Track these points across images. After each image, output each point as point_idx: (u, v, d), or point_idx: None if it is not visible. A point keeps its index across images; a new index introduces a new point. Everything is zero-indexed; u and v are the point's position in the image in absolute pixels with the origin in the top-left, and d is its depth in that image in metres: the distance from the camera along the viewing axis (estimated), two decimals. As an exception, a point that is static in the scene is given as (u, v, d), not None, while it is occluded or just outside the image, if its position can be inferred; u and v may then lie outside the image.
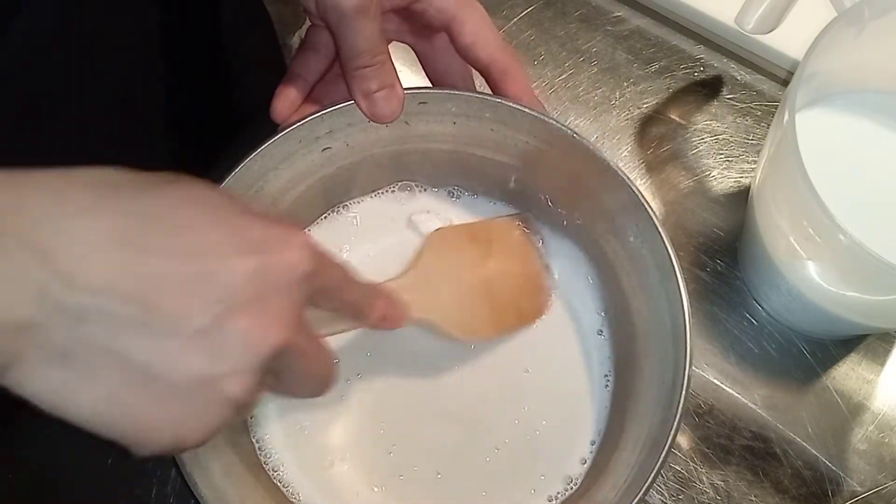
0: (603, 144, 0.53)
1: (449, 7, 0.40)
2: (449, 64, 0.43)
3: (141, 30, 0.46)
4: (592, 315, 0.43)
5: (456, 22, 0.40)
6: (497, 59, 0.40)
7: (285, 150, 0.40)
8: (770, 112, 0.53)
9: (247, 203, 0.28)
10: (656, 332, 0.39)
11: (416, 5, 0.40)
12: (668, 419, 0.35)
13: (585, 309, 0.44)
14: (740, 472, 0.45)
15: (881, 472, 0.45)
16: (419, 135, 0.42)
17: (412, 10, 0.40)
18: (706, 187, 0.51)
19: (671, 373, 0.36)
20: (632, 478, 0.36)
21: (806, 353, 0.47)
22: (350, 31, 0.36)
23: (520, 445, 0.41)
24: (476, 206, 0.46)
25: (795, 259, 0.42)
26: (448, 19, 0.40)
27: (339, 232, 0.45)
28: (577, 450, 0.41)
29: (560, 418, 0.41)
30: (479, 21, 0.40)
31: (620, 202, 0.39)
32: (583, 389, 0.42)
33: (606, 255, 0.42)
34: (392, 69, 0.39)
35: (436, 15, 0.40)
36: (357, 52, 0.37)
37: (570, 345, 0.43)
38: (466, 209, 0.46)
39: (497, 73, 0.41)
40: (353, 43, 0.37)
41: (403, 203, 0.46)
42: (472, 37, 0.40)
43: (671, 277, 0.37)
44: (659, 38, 0.56)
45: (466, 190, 0.46)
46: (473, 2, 0.40)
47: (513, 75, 0.41)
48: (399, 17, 0.42)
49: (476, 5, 0.40)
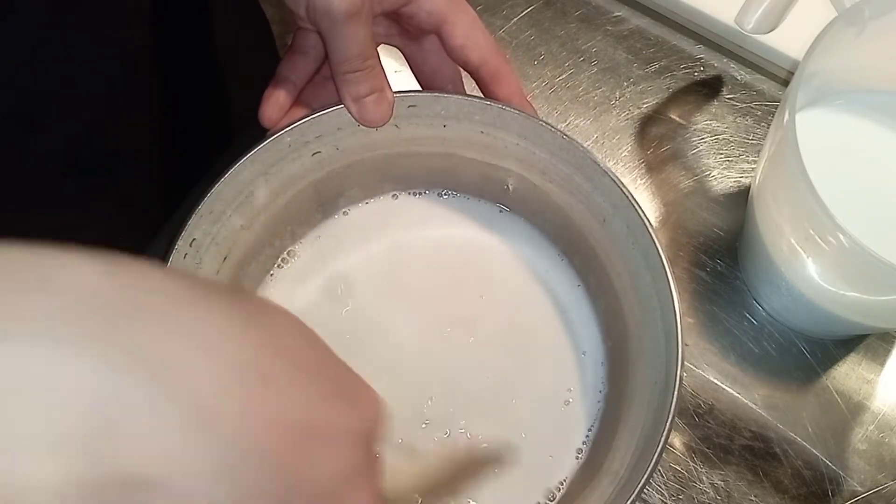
0: (603, 144, 0.53)
1: (440, 10, 0.39)
2: (438, 66, 0.43)
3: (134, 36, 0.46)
4: (585, 316, 0.44)
5: (447, 24, 0.40)
6: (488, 62, 0.40)
7: (275, 155, 0.40)
8: (770, 112, 0.53)
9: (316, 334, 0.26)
10: (648, 333, 0.39)
11: (405, 8, 0.40)
12: (660, 420, 0.35)
13: (578, 310, 0.44)
14: (740, 472, 0.45)
15: (881, 472, 0.45)
16: (409, 138, 0.42)
17: (402, 13, 0.40)
18: (706, 187, 0.51)
19: (663, 374, 0.36)
20: (625, 479, 0.35)
21: (806, 353, 0.47)
22: (340, 37, 0.36)
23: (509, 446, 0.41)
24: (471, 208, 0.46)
25: (795, 259, 0.42)
26: (438, 22, 0.40)
27: (331, 237, 0.45)
28: (570, 451, 0.41)
29: (552, 420, 0.41)
30: (469, 23, 0.40)
31: (612, 203, 0.39)
32: (575, 390, 0.42)
33: (598, 257, 0.42)
34: (382, 73, 0.39)
35: (426, 18, 0.40)
36: (347, 56, 0.37)
37: (562, 346, 0.43)
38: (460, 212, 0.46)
39: (487, 76, 0.41)
40: (343, 48, 0.37)
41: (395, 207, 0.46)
42: (463, 39, 0.40)
43: (662, 278, 0.37)
44: (659, 38, 0.56)
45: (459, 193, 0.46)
46: (464, 4, 0.40)
47: (503, 78, 0.41)
48: (388, 20, 0.41)
49: (467, 8, 0.40)
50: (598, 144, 0.52)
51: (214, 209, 0.39)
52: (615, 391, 0.42)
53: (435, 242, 0.45)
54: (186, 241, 0.38)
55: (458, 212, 0.46)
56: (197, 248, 0.38)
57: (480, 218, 0.46)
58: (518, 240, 0.45)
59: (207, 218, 0.39)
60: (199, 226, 0.38)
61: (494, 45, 0.41)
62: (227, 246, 0.40)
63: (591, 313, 0.44)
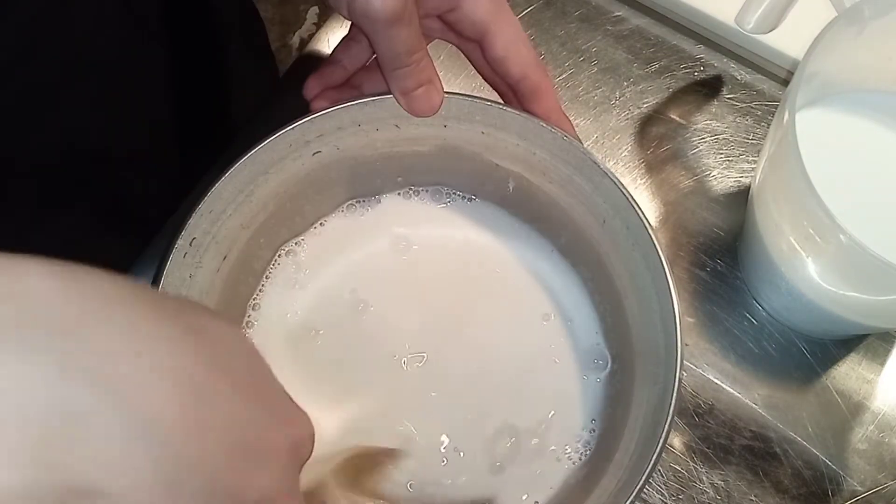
0: (603, 144, 0.53)
1: (482, 20, 0.39)
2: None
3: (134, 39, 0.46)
4: (585, 316, 0.44)
5: (489, 35, 0.39)
6: (528, 76, 0.40)
7: (275, 154, 0.40)
8: (770, 112, 0.53)
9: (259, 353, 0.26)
10: (648, 333, 0.39)
11: (449, 15, 0.39)
12: (660, 420, 0.35)
13: (578, 310, 0.44)
14: (740, 471, 0.45)
15: (881, 471, 0.45)
16: (410, 138, 0.42)
17: (446, 20, 0.40)
18: (706, 187, 0.51)
19: (663, 374, 0.36)
20: (625, 479, 0.36)
21: (806, 353, 0.47)
22: (383, 39, 0.36)
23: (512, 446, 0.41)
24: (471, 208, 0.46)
25: (795, 259, 0.42)
26: (481, 32, 0.39)
27: (331, 237, 0.45)
28: (570, 450, 0.41)
29: (553, 420, 0.41)
30: (512, 36, 0.39)
31: (612, 204, 0.39)
32: (576, 390, 0.42)
33: (598, 257, 0.42)
34: (429, 65, 0.38)
35: (469, 27, 0.39)
36: (392, 55, 0.37)
37: (564, 347, 0.43)
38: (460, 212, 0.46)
39: (527, 90, 0.40)
40: (387, 49, 0.36)
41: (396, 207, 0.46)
42: (504, 51, 0.39)
43: (662, 279, 0.37)
44: (659, 38, 0.56)
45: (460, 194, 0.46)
46: (509, 16, 0.40)
47: (542, 94, 0.40)
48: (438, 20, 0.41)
49: (511, 19, 0.40)
50: (598, 144, 0.52)
51: (214, 208, 0.39)
52: (615, 391, 0.42)
53: (435, 242, 0.45)
54: (186, 241, 0.38)
55: (458, 212, 0.46)
56: (197, 248, 0.38)
57: (480, 218, 0.46)
58: (518, 240, 0.45)
59: (207, 217, 0.39)
60: (199, 225, 0.38)
61: (536, 58, 0.40)
62: (227, 245, 0.41)
63: (591, 313, 0.44)
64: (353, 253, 0.45)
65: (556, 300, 0.44)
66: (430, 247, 0.45)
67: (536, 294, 0.44)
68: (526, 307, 0.44)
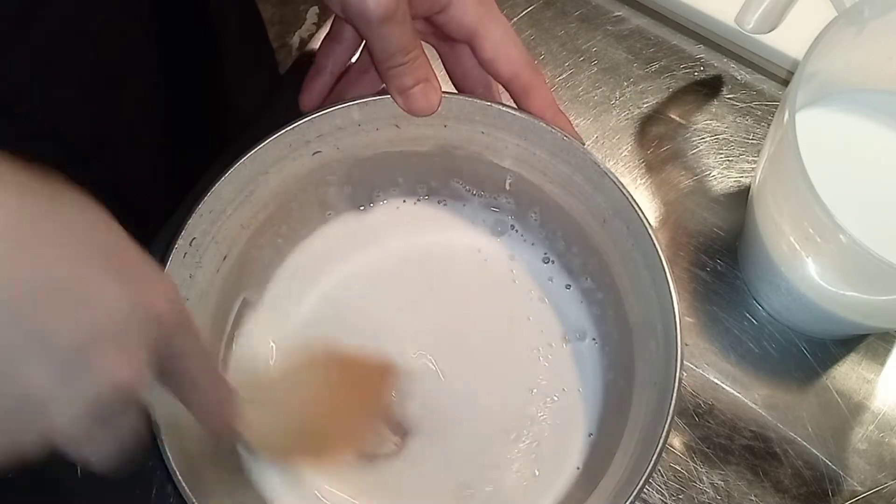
0: (603, 144, 0.53)
1: (470, 23, 0.39)
2: (469, 70, 0.43)
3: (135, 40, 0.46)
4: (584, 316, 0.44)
5: (478, 37, 0.39)
6: (518, 75, 0.40)
7: (275, 154, 0.40)
8: (770, 112, 0.53)
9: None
10: (649, 333, 0.39)
11: (437, 17, 0.39)
12: (660, 420, 0.35)
13: (578, 310, 0.44)
14: (740, 471, 0.45)
15: (881, 471, 0.45)
16: (410, 138, 0.42)
17: (433, 21, 0.40)
18: (706, 187, 0.51)
19: (663, 374, 0.36)
20: (625, 479, 0.36)
21: (806, 353, 0.47)
22: (378, 37, 0.36)
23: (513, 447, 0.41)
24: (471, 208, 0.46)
25: (795, 259, 0.42)
26: (469, 34, 0.39)
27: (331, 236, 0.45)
28: (571, 451, 0.41)
29: (554, 420, 0.41)
30: (500, 36, 0.39)
31: (612, 204, 0.39)
32: (574, 390, 0.42)
33: (599, 257, 0.42)
34: (426, 63, 0.39)
35: (457, 29, 0.39)
36: (388, 53, 0.37)
37: (562, 346, 0.43)
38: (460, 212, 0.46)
39: (519, 89, 0.40)
40: (383, 47, 0.37)
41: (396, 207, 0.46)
42: (493, 52, 0.40)
43: (662, 279, 0.37)
44: (659, 38, 0.56)
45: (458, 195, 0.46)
46: (497, 16, 0.40)
47: (535, 91, 0.40)
48: (424, 21, 0.41)
49: (500, 20, 0.40)
50: (598, 144, 0.52)
51: (214, 208, 0.39)
52: (615, 391, 0.42)
53: (435, 242, 0.45)
54: (186, 240, 0.38)
55: (458, 212, 0.46)
56: (197, 247, 0.38)
57: (481, 218, 0.46)
58: (518, 240, 0.45)
59: (207, 217, 0.39)
60: (198, 225, 0.38)
61: (527, 57, 0.40)
62: (227, 245, 0.41)
63: (590, 313, 0.44)
64: (352, 253, 0.45)
65: (554, 299, 0.44)
66: (430, 247, 0.45)
67: (535, 293, 0.44)
68: (525, 307, 0.44)
